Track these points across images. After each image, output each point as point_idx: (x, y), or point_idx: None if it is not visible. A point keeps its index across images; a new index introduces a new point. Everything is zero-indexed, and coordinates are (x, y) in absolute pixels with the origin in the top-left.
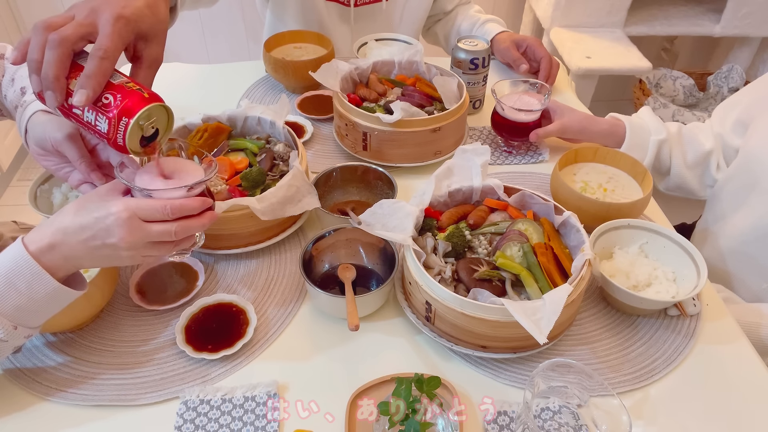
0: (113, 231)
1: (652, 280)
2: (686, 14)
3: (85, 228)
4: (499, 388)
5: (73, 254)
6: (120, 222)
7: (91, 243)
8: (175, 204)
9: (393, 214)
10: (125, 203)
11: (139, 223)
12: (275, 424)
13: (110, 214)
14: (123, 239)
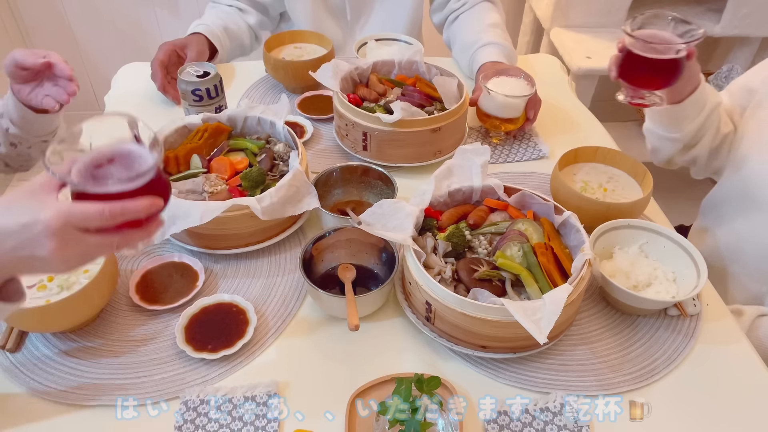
0: (42, 243)
1: (652, 280)
2: (686, 14)
3: (9, 235)
4: (499, 388)
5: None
6: (50, 232)
7: (18, 253)
8: (115, 208)
9: (393, 214)
10: (57, 209)
11: (74, 234)
12: (275, 424)
13: (38, 222)
14: (54, 253)
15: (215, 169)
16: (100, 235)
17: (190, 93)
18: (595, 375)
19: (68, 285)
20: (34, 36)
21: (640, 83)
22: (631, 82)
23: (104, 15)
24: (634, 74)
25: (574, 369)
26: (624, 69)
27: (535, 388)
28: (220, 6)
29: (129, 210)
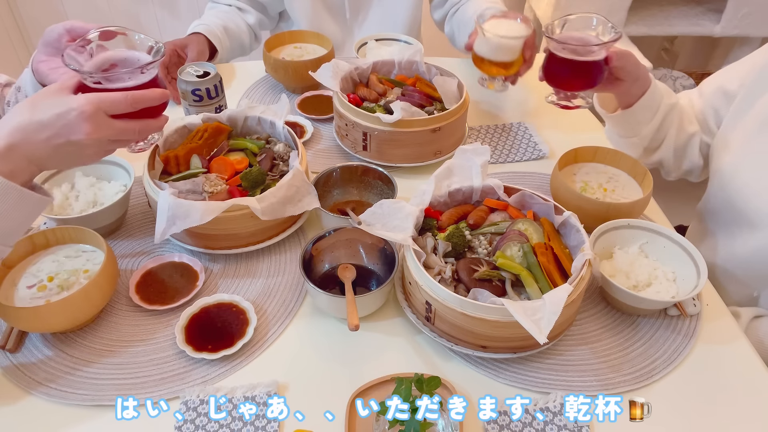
0: (78, 127)
1: (652, 280)
2: (686, 14)
3: (46, 126)
4: (499, 388)
5: (36, 154)
6: (84, 117)
7: (55, 141)
8: (137, 94)
9: (393, 214)
10: (86, 97)
11: (104, 118)
12: (275, 424)
13: (72, 110)
14: (89, 135)
15: (215, 169)
16: (124, 120)
17: (190, 93)
18: (595, 375)
19: (68, 285)
20: (34, 36)
21: (562, 85)
22: (554, 84)
23: (104, 15)
24: (556, 76)
25: (574, 369)
26: (547, 71)
27: (535, 388)
28: (219, 6)
29: (147, 97)
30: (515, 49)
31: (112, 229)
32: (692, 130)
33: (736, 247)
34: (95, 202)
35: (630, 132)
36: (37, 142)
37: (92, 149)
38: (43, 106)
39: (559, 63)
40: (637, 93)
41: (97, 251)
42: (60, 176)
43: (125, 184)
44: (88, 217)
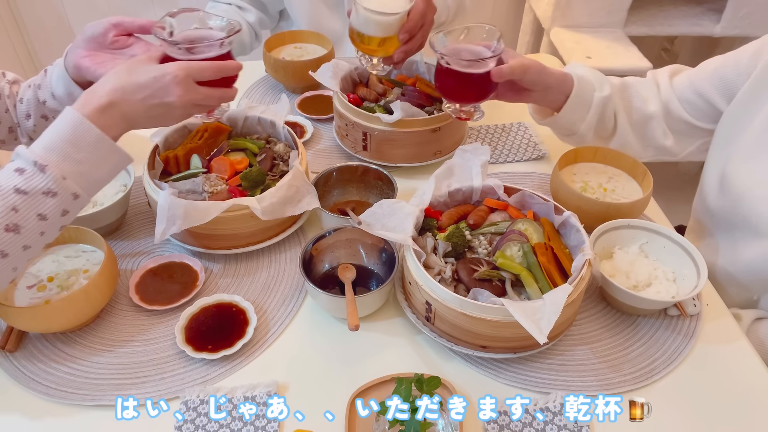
0: (171, 90)
1: (652, 280)
2: (686, 14)
3: (143, 87)
4: (499, 388)
5: (130, 113)
6: (177, 81)
7: (149, 102)
8: (220, 64)
9: (393, 214)
10: (179, 64)
11: (192, 84)
12: (275, 424)
13: (167, 74)
14: (180, 97)
15: (215, 169)
16: (208, 87)
17: None
18: (595, 375)
19: (68, 285)
20: (34, 36)
21: (453, 97)
22: (445, 96)
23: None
24: (447, 88)
25: (574, 369)
26: (438, 83)
27: (535, 388)
28: (219, 5)
29: (228, 66)
30: (387, 26)
31: (112, 229)
32: (651, 110)
33: (738, 251)
34: (95, 202)
35: (568, 131)
36: (134, 101)
37: (179, 111)
38: (139, 71)
39: (449, 75)
40: (560, 98)
41: (97, 251)
42: None
43: (125, 184)
44: (88, 217)
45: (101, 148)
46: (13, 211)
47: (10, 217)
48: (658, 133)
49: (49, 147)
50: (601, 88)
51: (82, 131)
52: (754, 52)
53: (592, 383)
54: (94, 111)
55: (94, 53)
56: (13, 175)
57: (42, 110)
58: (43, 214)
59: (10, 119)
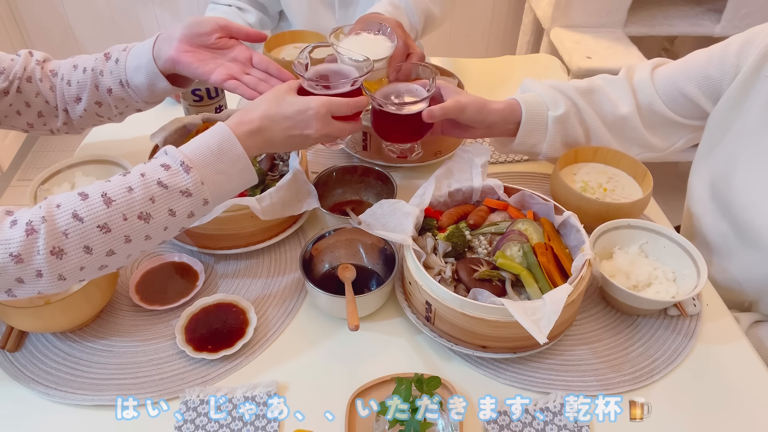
0: (311, 124)
1: (652, 280)
2: (686, 14)
3: (287, 118)
4: (499, 388)
5: (272, 139)
6: (318, 116)
7: (291, 132)
8: (353, 100)
9: (393, 214)
10: (321, 100)
11: (329, 119)
12: (275, 424)
13: (310, 108)
14: (318, 131)
15: None
16: (342, 122)
17: (190, 93)
18: (595, 375)
19: None
20: (34, 36)
21: (388, 137)
22: (382, 136)
23: (104, 15)
24: (382, 129)
25: (574, 369)
26: (374, 123)
27: (535, 388)
28: (219, 6)
29: (361, 103)
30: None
31: None
32: (623, 112)
33: (729, 257)
34: None
35: (532, 154)
36: (278, 129)
37: (312, 141)
38: (285, 102)
39: (379, 116)
40: (510, 126)
41: None
42: (60, 176)
43: None
44: None
45: (239, 165)
46: (150, 200)
47: (146, 206)
48: (635, 132)
49: (196, 153)
50: (555, 106)
51: (229, 147)
52: (740, 48)
53: (592, 383)
54: (245, 133)
55: (196, 50)
56: (160, 169)
57: (99, 97)
58: (174, 211)
59: (42, 103)
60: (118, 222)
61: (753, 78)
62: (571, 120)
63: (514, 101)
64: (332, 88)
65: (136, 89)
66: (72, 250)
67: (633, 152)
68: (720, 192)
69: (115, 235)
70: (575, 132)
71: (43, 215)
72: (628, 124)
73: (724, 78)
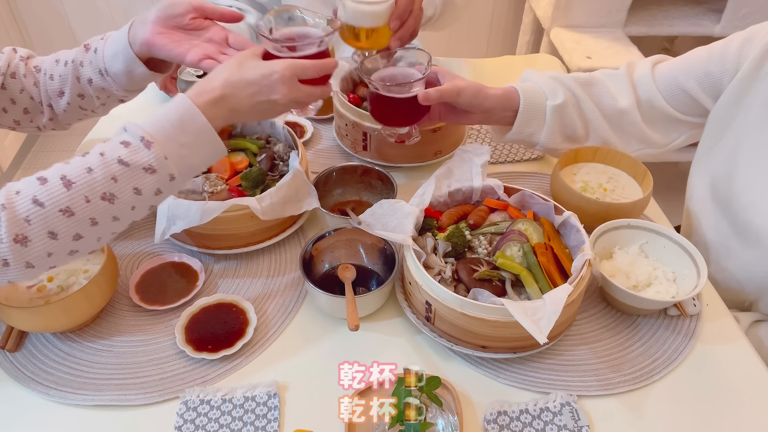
0: (277, 88)
1: (652, 280)
2: (686, 14)
3: (251, 83)
4: (499, 388)
5: (238, 107)
6: (284, 80)
7: (257, 98)
8: (321, 63)
9: (393, 214)
10: (285, 62)
11: (296, 82)
12: (275, 424)
13: (275, 72)
14: (285, 95)
15: (215, 169)
16: (309, 86)
17: None
18: (595, 375)
19: (68, 285)
20: (34, 35)
21: (385, 121)
22: (378, 120)
23: (104, 15)
24: (378, 112)
25: (574, 369)
26: (371, 107)
27: (535, 388)
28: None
29: (328, 65)
30: (377, 16)
31: None
32: (622, 105)
33: (729, 255)
34: None
35: (529, 143)
36: (242, 96)
37: (282, 107)
38: (249, 67)
39: (375, 99)
40: (508, 114)
41: (97, 251)
42: None
43: None
44: None
45: (203, 137)
46: (112, 180)
47: (108, 185)
48: (634, 127)
49: (157, 126)
50: (554, 95)
51: (191, 118)
52: (741, 45)
53: (592, 383)
54: (206, 102)
55: (169, 31)
56: (119, 146)
57: (81, 89)
58: (139, 189)
59: (27, 99)
60: (80, 205)
61: (753, 76)
62: (569, 110)
63: (512, 89)
64: (298, 50)
65: (115, 77)
66: (36, 236)
67: (632, 147)
68: (720, 190)
69: (79, 219)
70: (573, 123)
71: (3, 203)
72: (627, 118)
73: (724, 75)
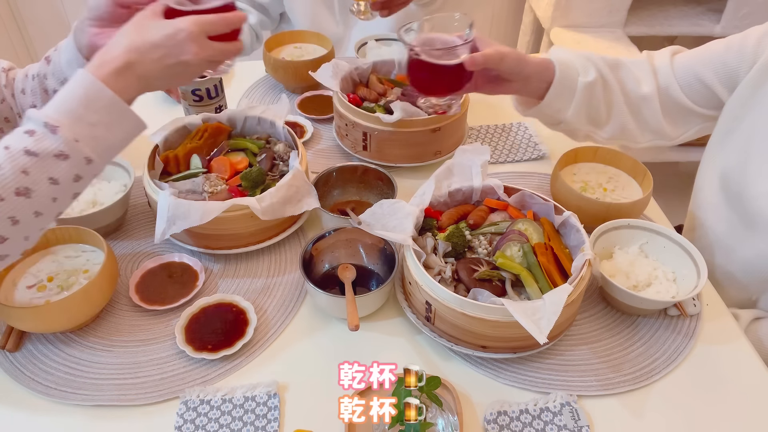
0: (186, 47)
1: (652, 280)
2: (686, 14)
3: (157, 46)
4: (499, 388)
5: (147, 73)
6: (192, 37)
7: (166, 61)
8: (229, 16)
9: (393, 214)
10: (190, 19)
11: (206, 39)
12: (275, 424)
13: (181, 30)
14: (196, 54)
15: (215, 169)
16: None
17: (190, 93)
18: (595, 375)
19: (68, 285)
20: (33, 35)
21: (426, 90)
22: (419, 90)
23: None
24: (419, 81)
25: (574, 369)
26: (411, 76)
27: (535, 388)
28: None
29: (237, 18)
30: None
31: (112, 229)
32: (644, 92)
33: (736, 249)
34: (95, 202)
35: (554, 120)
36: (150, 61)
37: (195, 68)
38: (150, 28)
39: (421, 68)
40: (542, 86)
41: (97, 251)
42: None
43: (125, 184)
44: (88, 217)
45: (114, 112)
46: (23, 173)
47: (20, 180)
48: (653, 115)
49: (60, 109)
50: (586, 72)
51: (95, 93)
52: (759, 38)
53: (592, 383)
54: (110, 74)
55: (104, 30)
56: (23, 136)
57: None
58: (55, 178)
59: (7, 109)
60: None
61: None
62: (597, 90)
63: (547, 59)
64: (201, 3)
65: None
66: None
67: (645, 138)
68: (731, 182)
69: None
70: (599, 104)
71: None
72: (648, 105)
73: (741, 66)
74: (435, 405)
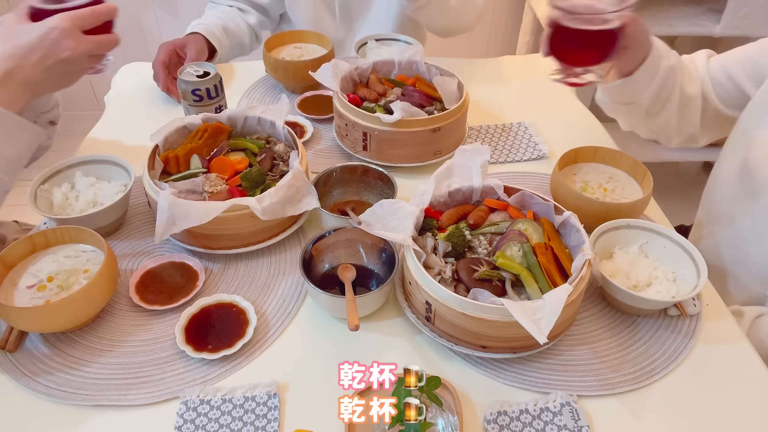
0: (63, 44)
1: (652, 280)
2: (686, 14)
3: (33, 49)
4: (499, 388)
5: (30, 79)
6: (66, 34)
7: (45, 63)
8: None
9: (393, 214)
10: (61, 16)
11: (81, 34)
12: (275, 424)
13: (53, 29)
14: (74, 50)
15: (215, 169)
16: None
17: (190, 93)
18: (595, 375)
19: (68, 285)
20: None
21: (571, 60)
22: (562, 60)
23: None
24: (565, 50)
25: (574, 369)
26: (554, 45)
27: (535, 388)
28: (220, 6)
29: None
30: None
31: (112, 229)
32: (692, 92)
33: (753, 243)
34: (95, 202)
35: (629, 98)
36: (29, 66)
37: (76, 65)
38: (21, 33)
39: (569, 36)
40: (639, 59)
41: (97, 251)
42: (60, 176)
43: (125, 184)
44: (88, 217)
45: (7, 125)
46: None
47: None
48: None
49: None
50: (668, 56)
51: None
52: None
53: (592, 383)
54: None
55: None
56: None
57: None
58: None
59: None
60: None
61: None
62: (670, 77)
63: None
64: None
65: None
66: None
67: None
68: (752, 172)
69: None
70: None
71: None
72: (692, 104)
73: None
74: (435, 405)
